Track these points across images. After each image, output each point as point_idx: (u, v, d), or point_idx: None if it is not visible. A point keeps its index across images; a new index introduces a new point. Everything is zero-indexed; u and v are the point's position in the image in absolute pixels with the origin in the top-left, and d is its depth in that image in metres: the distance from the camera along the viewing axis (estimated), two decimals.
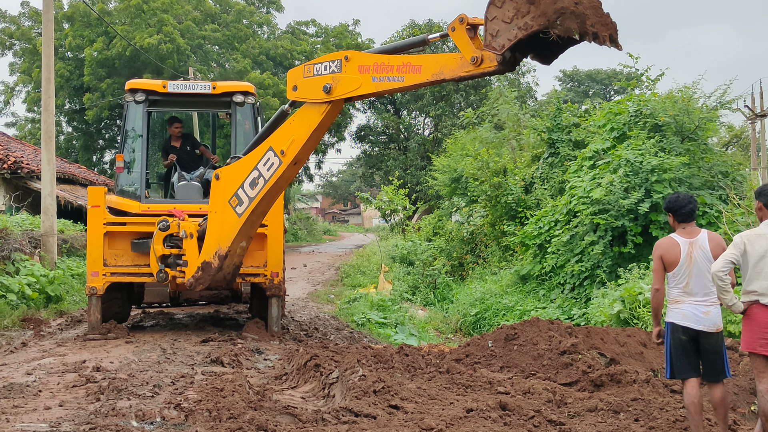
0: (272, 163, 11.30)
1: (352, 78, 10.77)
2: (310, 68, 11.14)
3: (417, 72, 10.29)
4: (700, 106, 17.75)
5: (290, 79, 11.35)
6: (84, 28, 45.33)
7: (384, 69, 10.61)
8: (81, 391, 9.04)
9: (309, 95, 11.12)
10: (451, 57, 9.87)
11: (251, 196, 11.44)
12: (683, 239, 6.88)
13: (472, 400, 8.54)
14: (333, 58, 10.99)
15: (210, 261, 11.77)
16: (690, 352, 6.84)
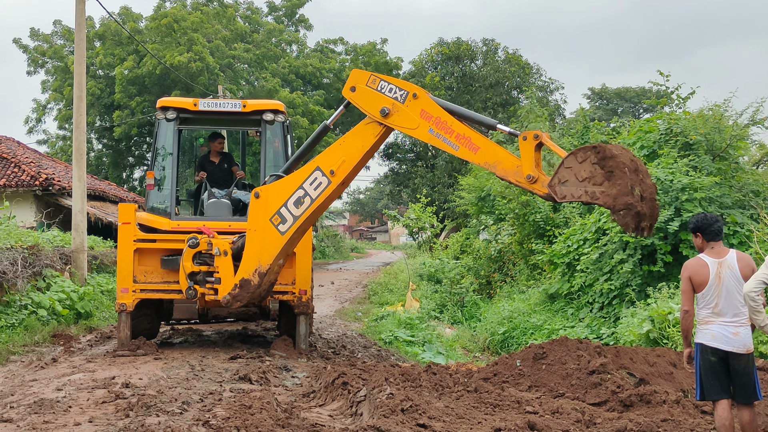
0: (320, 182, 11.46)
1: (411, 117, 11.08)
2: (376, 81, 11.36)
3: (473, 150, 10.65)
4: (731, 124, 17.62)
5: (352, 79, 11.55)
6: (115, 47, 45.76)
7: (444, 128, 10.89)
8: (110, 408, 9.09)
9: (364, 105, 11.35)
10: (510, 159, 10.29)
11: (296, 214, 11.55)
12: (712, 259, 6.85)
13: (500, 419, 8.51)
14: (401, 86, 11.23)
15: (249, 278, 11.81)
16: (720, 373, 6.79)
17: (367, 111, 11.27)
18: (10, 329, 14.64)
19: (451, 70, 52.22)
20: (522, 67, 51.67)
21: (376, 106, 11.18)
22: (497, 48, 52.81)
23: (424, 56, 54.12)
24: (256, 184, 14.62)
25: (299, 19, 54.69)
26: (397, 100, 11.11)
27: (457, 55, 52.10)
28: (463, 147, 10.76)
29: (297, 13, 54.46)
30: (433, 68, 52.88)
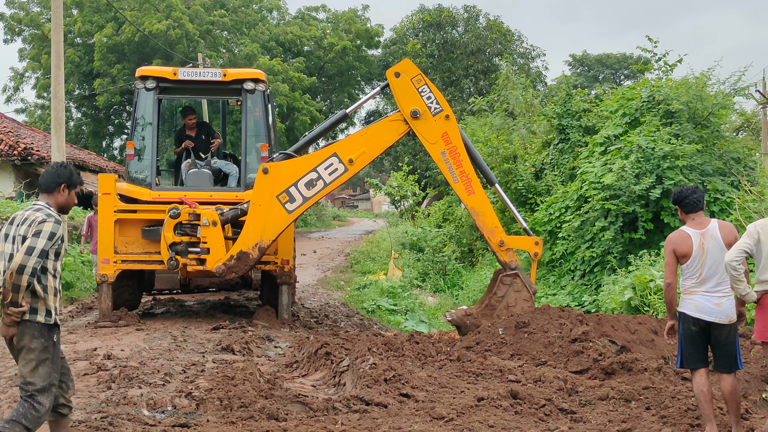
0: (336, 168, 11.90)
1: (433, 131, 11.85)
2: (421, 81, 11.98)
3: (468, 191, 11.80)
4: (714, 93, 17.63)
5: (401, 66, 12.11)
6: (93, 14, 45.31)
7: (455, 159, 11.83)
8: (92, 380, 9.07)
9: (400, 97, 11.95)
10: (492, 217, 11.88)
11: (306, 196, 11.87)
12: (694, 230, 6.85)
13: (483, 388, 8.54)
14: (440, 101, 11.97)
15: (248, 251, 11.88)
16: (699, 343, 6.83)
17: (400, 104, 11.85)
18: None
19: (432, 37, 52.00)
20: (503, 34, 51.52)
21: (410, 103, 11.82)
22: (478, 15, 52.60)
23: (405, 23, 53.92)
24: (237, 154, 14.56)
25: None
26: (429, 110, 11.81)
27: (438, 22, 51.89)
28: (462, 183, 11.83)
29: None
30: (414, 35, 52.69)
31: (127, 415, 7.52)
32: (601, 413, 7.73)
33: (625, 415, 7.64)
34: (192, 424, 7.31)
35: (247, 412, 7.69)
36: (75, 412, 7.72)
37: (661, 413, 7.61)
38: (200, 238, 12.16)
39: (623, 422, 7.36)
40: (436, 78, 50.27)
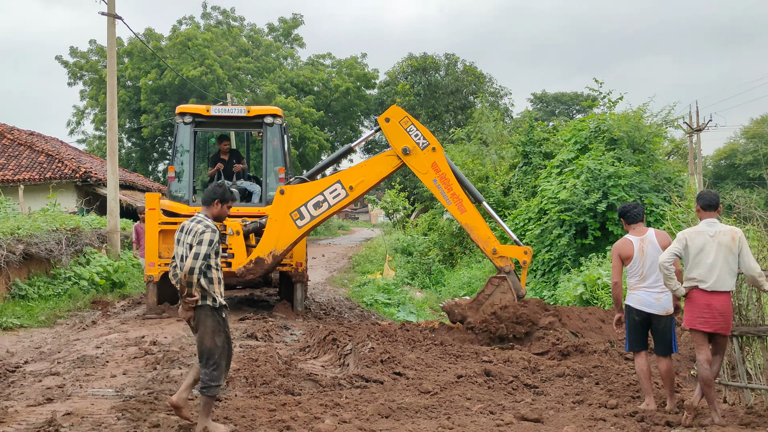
0: (339, 193, 11.82)
1: (424, 163, 11.63)
2: (407, 122, 11.76)
3: (460, 210, 11.59)
4: (649, 124, 17.71)
5: (390, 112, 11.88)
6: (140, 62, 45.37)
7: (445, 184, 11.61)
8: (141, 362, 9.05)
9: (392, 138, 11.75)
10: (484, 230, 11.53)
11: (313, 214, 11.80)
12: (635, 237, 6.91)
13: (462, 367, 8.54)
14: (426, 136, 11.70)
15: (264, 258, 11.89)
16: (641, 330, 6.86)
17: (392, 143, 11.73)
18: (57, 297, 14.53)
19: (419, 79, 52.03)
20: (477, 76, 51.59)
21: (401, 142, 11.62)
22: (457, 61, 52.68)
23: (397, 68, 53.95)
24: (259, 176, 14.55)
25: (294, 38, 54.35)
26: (418, 145, 11.61)
27: (423, 67, 51.95)
28: (455, 204, 11.57)
29: (292, 33, 54.12)
30: (404, 78, 52.70)
31: (169, 391, 7.51)
32: (558, 387, 7.74)
33: (578, 389, 7.65)
34: (223, 398, 7.30)
35: (268, 388, 7.68)
36: (127, 388, 7.72)
37: (608, 387, 7.62)
38: (227, 245, 12.18)
39: (577, 395, 7.37)
40: (422, 113, 50.33)
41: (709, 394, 6.32)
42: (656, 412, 6.53)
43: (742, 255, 6.30)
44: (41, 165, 27.29)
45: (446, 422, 5.99)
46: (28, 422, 6.45)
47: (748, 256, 6.30)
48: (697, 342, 6.44)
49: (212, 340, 6.07)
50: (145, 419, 6.49)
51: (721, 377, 6.93)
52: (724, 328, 6.37)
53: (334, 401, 7.02)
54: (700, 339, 6.41)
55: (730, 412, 6.60)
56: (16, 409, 6.90)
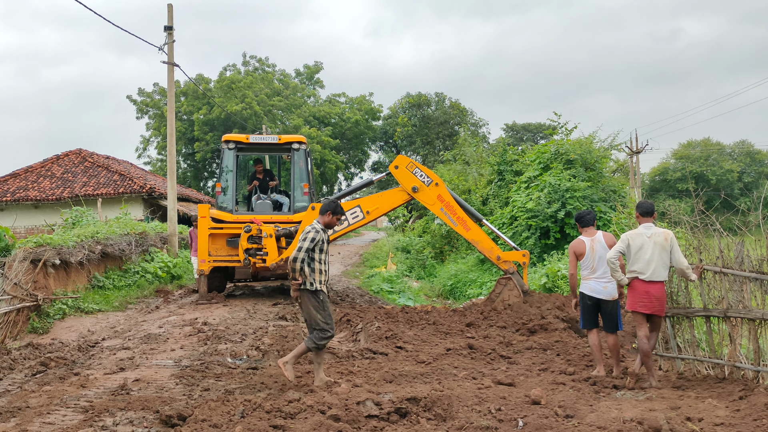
0: (357, 215, 11.88)
1: (431, 196, 11.62)
2: (412, 166, 11.72)
3: (466, 229, 11.51)
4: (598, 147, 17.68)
5: (397, 161, 11.86)
6: (194, 100, 45.50)
7: (451, 210, 11.57)
8: (194, 339, 9.05)
9: (401, 181, 11.73)
10: (488, 242, 11.43)
11: (336, 229, 11.86)
12: (587, 238, 6.90)
13: (450, 342, 8.52)
14: (429, 175, 11.66)
15: None
16: (593, 312, 6.84)
17: (402, 185, 11.80)
18: (128, 287, 14.55)
19: (414, 113, 52.02)
20: (461, 110, 51.55)
21: (410, 183, 11.63)
22: (445, 98, 52.67)
23: (397, 104, 53.92)
24: (288, 191, 14.55)
25: (315, 81, 54.45)
26: (424, 183, 11.58)
27: (418, 103, 51.96)
28: (461, 225, 11.51)
29: (314, 77, 54.24)
30: (403, 112, 52.68)
31: (217, 361, 7.51)
32: (527, 358, 7.71)
33: (543, 359, 7.62)
34: (260, 367, 7.29)
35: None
36: (183, 360, 7.71)
37: (567, 358, 7.59)
38: (262, 245, 12.19)
39: (542, 363, 7.34)
40: (417, 140, 50.32)
41: (648, 363, 6.31)
42: (605, 378, 6.51)
43: (673, 252, 6.30)
44: (115, 182, 27.33)
45: (437, 386, 5.97)
46: (105, 387, 6.46)
47: (678, 253, 6.29)
48: (638, 321, 6.42)
49: (312, 314, 6.32)
50: (198, 384, 6.49)
51: (657, 349, 6.92)
52: (659, 310, 6.36)
53: (348, 369, 7.01)
54: (640, 319, 6.40)
55: (664, 377, 6.58)
56: (96, 376, 6.91)
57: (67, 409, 5.65)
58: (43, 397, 6.01)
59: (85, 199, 23.95)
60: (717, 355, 6.40)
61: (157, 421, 5.18)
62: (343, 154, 52.43)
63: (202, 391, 6.18)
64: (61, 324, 10.74)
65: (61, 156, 30.15)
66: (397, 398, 5.35)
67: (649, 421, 4.69)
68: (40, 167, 29.02)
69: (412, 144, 51.25)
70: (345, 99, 54.40)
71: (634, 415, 4.95)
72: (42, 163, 29.37)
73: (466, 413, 5.11)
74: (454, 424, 4.88)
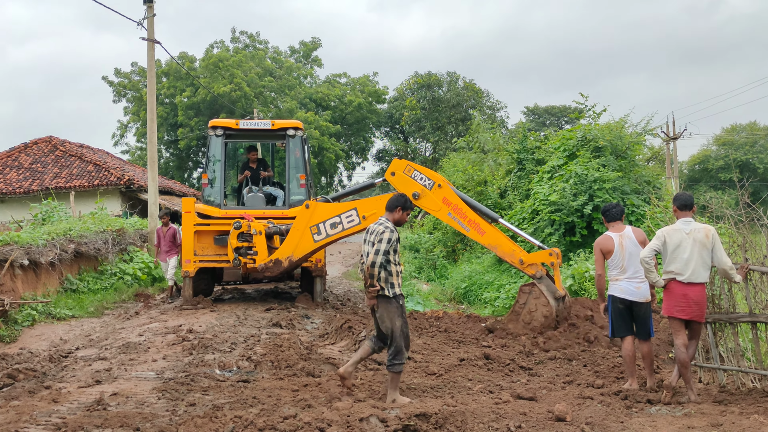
0: (353, 219, 11.62)
1: (435, 201, 11.13)
2: (410, 170, 11.33)
3: (480, 234, 10.86)
4: (630, 133, 17.61)
5: (393, 166, 11.52)
6: (176, 81, 45.61)
7: (460, 214, 11.03)
8: (178, 348, 9.07)
9: (400, 188, 11.25)
10: (507, 244, 10.60)
11: (329, 233, 11.73)
12: (615, 234, 6.90)
13: (464, 351, 8.53)
14: (430, 176, 11.21)
15: (282, 261, 11.93)
16: (626, 317, 6.82)
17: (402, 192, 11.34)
18: (104, 291, 14.61)
19: (424, 95, 52.00)
20: (476, 92, 51.48)
21: (409, 190, 11.18)
22: (458, 78, 52.60)
23: (404, 85, 53.93)
24: (282, 183, 14.57)
25: (313, 59, 54.40)
26: (425, 187, 11.17)
27: (428, 83, 51.92)
28: (473, 230, 10.94)
29: (311, 55, 54.20)
30: (411, 93, 52.67)
31: (204, 373, 7.53)
32: (550, 369, 7.71)
33: (568, 370, 7.62)
34: (251, 379, 7.31)
35: (291, 371, 7.69)
36: (166, 371, 7.74)
37: (595, 369, 7.60)
38: (252, 244, 12.21)
39: (567, 376, 7.34)
40: (427, 125, 50.27)
41: (686, 374, 6.30)
42: (638, 391, 6.50)
43: (715, 250, 6.27)
44: (90, 173, 27.43)
45: (450, 400, 5.98)
46: (80, 401, 6.48)
47: (720, 251, 6.27)
48: (675, 328, 6.41)
49: (392, 323, 6.31)
50: (183, 399, 6.51)
51: (696, 360, 6.90)
52: (699, 316, 6.34)
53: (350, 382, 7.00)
54: (677, 325, 6.39)
55: (704, 390, 6.57)
56: (69, 390, 6.93)
57: (38, 427, 5.68)
58: (10, 413, 6.04)
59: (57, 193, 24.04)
60: (764, 366, 6.38)
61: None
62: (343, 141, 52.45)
63: (187, 407, 6.20)
64: (30, 331, 10.79)
65: (30, 144, 30.26)
66: (405, 414, 5.36)
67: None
68: (5, 157, 29.14)
69: (421, 129, 51.25)
70: (346, 80, 54.38)
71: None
72: (8, 153, 29.48)
73: (482, 431, 5.12)
74: None
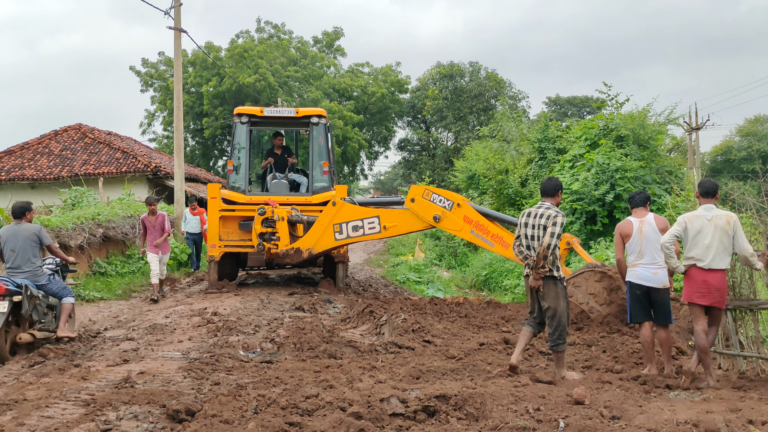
0: (374, 226, 11.87)
1: (457, 221, 11.22)
2: (429, 193, 11.45)
3: (505, 247, 10.79)
4: (653, 122, 17.42)
5: (412, 192, 11.67)
6: (202, 71, 45.74)
7: (482, 230, 11.06)
8: (203, 330, 9.18)
9: (421, 213, 11.44)
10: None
11: (349, 234, 11.96)
12: (635, 219, 6.85)
13: (484, 336, 8.54)
14: (448, 197, 11.30)
15: (302, 250, 12.09)
16: (644, 303, 6.76)
17: (423, 218, 11.53)
18: (131, 274, 14.78)
19: (446, 84, 51.74)
20: (498, 82, 51.11)
21: (430, 213, 11.37)
22: (480, 68, 52.24)
23: (426, 75, 53.67)
24: (306, 170, 14.61)
25: (336, 49, 54.26)
26: (445, 209, 11.25)
27: (450, 73, 51.64)
28: (498, 244, 10.96)
29: (334, 45, 54.07)
30: (433, 83, 52.44)
31: (228, 354, 7.61)
32: (569, 354, 7.67)
33: (587, 355, 7.59)
34: (274, 361, 7.38)
35: (313, 353, 7.74)
36: (191, 352, 7.83)
37: (614, 355, 7.55)
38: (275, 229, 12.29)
39: (586, 361, 7.31)
40: (449, 115, 50.02)
41: (705, 360, 6.25)
42: (657, 377, 6.46)
43: (736, 237, 6.20)
44: (118, 160, 27.71)
45: (470, 383, 5.99)
46: (108, 379, 6.59)
47: (741, 238, 6.20)
48: (695, 314, 6.36)
49: (559, 304, 6.40)
50: (208, 378, 6.59)
51: (716, 346, 6.84)
52: (719, 302, 6.28)
53: (371, 364, 7.05)
54: (697, 311, 6.34)
55: (724, 377, 6.52)
56: (98, 369, 7.05)
57: (67, 403, 5.78)
58: (41, 390, 6.16)
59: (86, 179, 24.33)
60: None
61: (164, 416, 5.28)
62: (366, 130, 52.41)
63: (211, 385, 6.27)
64: None
65: (60, 132, 30.60)
66: (425, 395, 5.38)
67: (705, 424, 4.65)
68: (36, 144, 29.51)
69: (443, 119, 51.06)
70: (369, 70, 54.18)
71: (688, 417, 4.92)
72: (39, 140, 29.85)
73: (501, 413, 5.12)
74: (488, 424, 4.90)
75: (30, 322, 8.10)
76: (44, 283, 8.31)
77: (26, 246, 8.14)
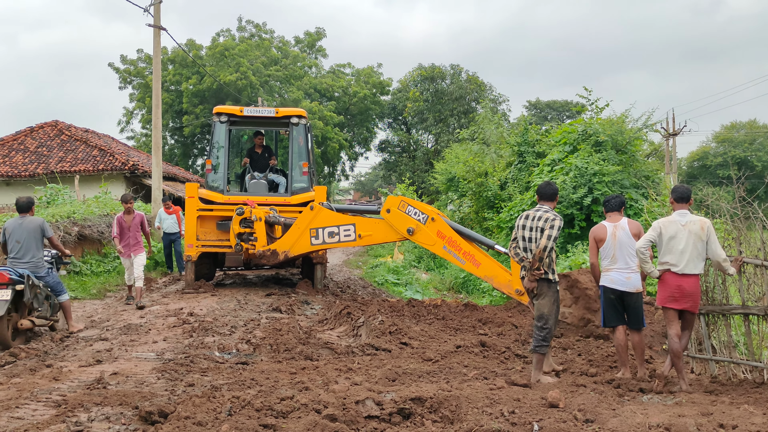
0: (349, 234, 11.71)
1: (430, 235, 11.10)
2: (405, 205, 11.35)
3: (476, 265, 10.73)
4: (630, 128, 17.57)
5: (388, 203, 11.55)
6: (182, 68, 45.45)
7: (454, 246, 10.95)
8: (179, 330, 9.11)
9: (395, 224, 11.32)
10: (504, 275, 10.42)
11: (325, 240, 11.83)
12: (609, 224, 6.91)
13: (460, 339, 8.54)
14: (424, 210, 11.20)
15: (278, 253, 11.99)
16: (617, 307, 6.82)
17: (397, 229, 11.41)
18: (107, 274, 14.63)
19: (427, 87, 51.82)
20: (479, 85, 51.30)
21: (404, 225, 11.25)
22: (461, 71, 52.39)
23: (408, 77, 53.70)
24: (286, 170, 14.56)
25: (317, 49, 54.14)
26: (420, 222, 11.14)
27: (431, 76, 51.74)
28: (469, 262, 10.85)
29: (316, 45, 53.96)
30: (414, 85, 52.49)
31: (203, 355, 7.56)
32: None
33: (563, 359, 7.64)
34: (250, 362, 7.34)
35: (289, 354, 7.71)
36: (166, 352, 7.76)
37: (589, 358, 7.61)
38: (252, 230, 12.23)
39: (561, 364, 7.35)
40: (430, 117, 50.11)
41: (678, 364, 6.31)
42: (631, 380, 6.52)
43: (709, 242, 6.27)
44: (95, 158, 27.44)
45: (445, 386, 6.00)
46: (80, 380, 6.52)
47: (715, 243, 6.27)
48: (668, 318, 6.42)
49: (550, 307, 6.51)
50: (182, 379, 6.54)
51: (689, 350, 6.92)
52: (692, 307, 6.35)
53: (347, 366, 7.04)
54: (671, 315, 6.40)
55: (696, 381, 6.59)
56: (70, 369, 6.97)
57: (38, 403, 5.71)
58: (11, 390, 6.08)
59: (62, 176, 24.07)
60: (756, 357, 6.40)
61: (136, 418, 5.23)
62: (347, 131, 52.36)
63: (186, 387, 6.23)
64: None
65: (36, 128, 30.25)
66: (400, 398, 5.38)
67: (677, 427, 4.70)
68: (12, 140, 29.14)
69: (424, 121, 51.15)
70: (350, 71, 54.13)
71: (660, 420, 4.96)
72: (14, 136, 29.48)
73: (476, 415, 5.14)
74: (462, 427, 4.91)
75: (29, 310, 8.55)
76: (43, 275, 8.82)
77: (30, 238, 8.69)
